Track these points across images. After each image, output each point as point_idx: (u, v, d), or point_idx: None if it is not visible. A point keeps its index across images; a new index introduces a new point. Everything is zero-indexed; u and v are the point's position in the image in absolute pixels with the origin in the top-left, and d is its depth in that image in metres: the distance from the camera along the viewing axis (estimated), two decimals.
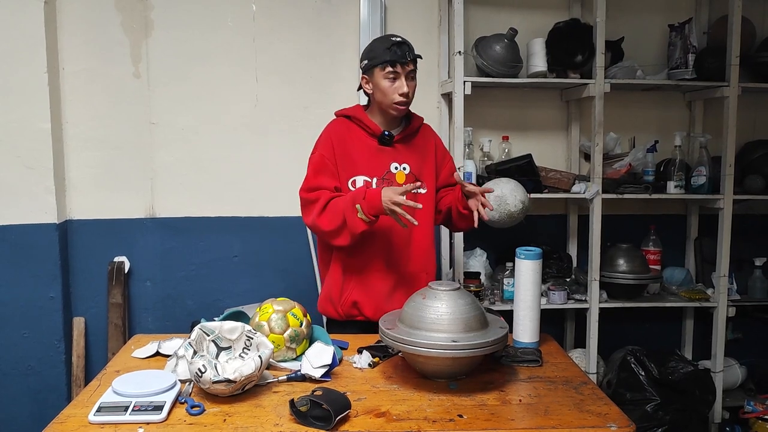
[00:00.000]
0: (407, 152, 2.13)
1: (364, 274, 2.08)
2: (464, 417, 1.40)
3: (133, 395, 1.42)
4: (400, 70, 2.01)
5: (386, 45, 2.02)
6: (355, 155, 2.09)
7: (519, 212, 2.63)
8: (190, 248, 2.99)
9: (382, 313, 2.02)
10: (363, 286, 2.08)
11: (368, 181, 2.08)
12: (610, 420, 1.40)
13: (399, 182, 2.09)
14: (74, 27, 2.86)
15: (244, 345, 1.56)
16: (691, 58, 2.87)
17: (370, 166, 2.09)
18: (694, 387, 2.79)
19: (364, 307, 2.08)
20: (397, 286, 2.09)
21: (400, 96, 2.02)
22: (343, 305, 2.09)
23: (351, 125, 2.13)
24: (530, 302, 1.82)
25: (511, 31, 2.80)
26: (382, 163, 2.10)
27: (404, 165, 2.11)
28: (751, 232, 3.13)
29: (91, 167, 2.92)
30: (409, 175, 2.10)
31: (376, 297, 2.08)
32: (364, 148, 2.10)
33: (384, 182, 2.08)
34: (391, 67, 2.01)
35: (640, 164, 2.96)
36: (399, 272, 2.10)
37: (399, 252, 2.10)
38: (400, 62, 2.00)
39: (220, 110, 2.96)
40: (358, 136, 2.11)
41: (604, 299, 2.90)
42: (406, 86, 2.02)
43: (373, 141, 2.11)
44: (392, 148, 2.11)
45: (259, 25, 2.95)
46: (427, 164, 2.16)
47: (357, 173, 2.08)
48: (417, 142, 2.17)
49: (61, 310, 2.84)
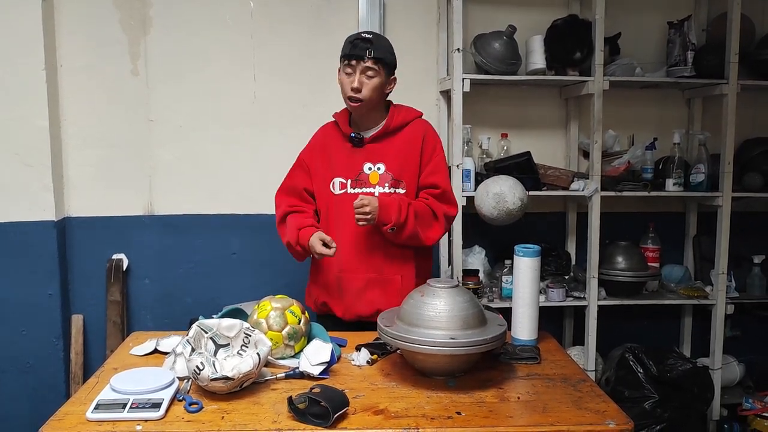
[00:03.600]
0: (383, 151, 2.10)
1: (333, 275, 2.11)
2: (462, 414, 1.40)
3: (131, 392, 1.42)
4: (355, 65, 2.01)
5: (350, 39, 2.04)
6: (334, 157, 2.13)
7: (518, 210, 2.64)
8: (188, 246, 2.99)
9: (352, 314, 2.07)
10: (333, 287, 2.12)
11: (343, 182, 2.11)
12: (608, 417, 1.39)
13: (372, 182, 2.09)
14: (72, 24, 2.85)
15: (242, 342, 1.55)
16: (690, 56, 2.87)
17: (345, 168, 2.11)
18: (692, 384, 2.79)
19: (334, 307, 2.14)
20: (368, 288, 2.08)
21: (351, 91, 2.02)
22: (315, 303, 2.19)
23: (335, 128, 2.18)
24: (529, 300, 1.82)
25: (510, 29, 2.79)
26: (356, 164, 2.11)
27: (378, 165, 2.10)
28: (749, 230, 3.13)
29: (89, 165, 2.92)
30: (383, 175, 2.09)
31: (344, 298, 2.10)
32: (341, 149, 2.13)
33: (357, 183, 2.09)
34: (347, 60, 2.02)
35: (639, 162, 2.96)
36: (370, 275, 2.08)
37: (370, 255, 2.09)
38: (355, 57, 2.00)
39: (218, 108, 2.96)
40: (338, 138, 2.15)
41: (603, 297, 2.90)
42: (357, 82, 2.00)
43: (348, 143, 2.13)
44: (366, 149, 2.11)
45: (257, 23, 2.95)
46: (409, 162, 2.10)
47: (334, 175, 2.12)
48: (398, 139, 2.12)
49: (59, 308, 2.83)
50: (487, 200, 2.62)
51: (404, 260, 2.11)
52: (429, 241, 2.09)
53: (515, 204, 2.63)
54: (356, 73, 2.01)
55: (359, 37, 2.02)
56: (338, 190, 2.11)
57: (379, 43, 2.03)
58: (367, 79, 2.02)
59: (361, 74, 2.01)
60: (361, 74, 2.01)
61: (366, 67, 2.01)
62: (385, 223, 1.97)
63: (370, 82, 2.02)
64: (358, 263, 2.08)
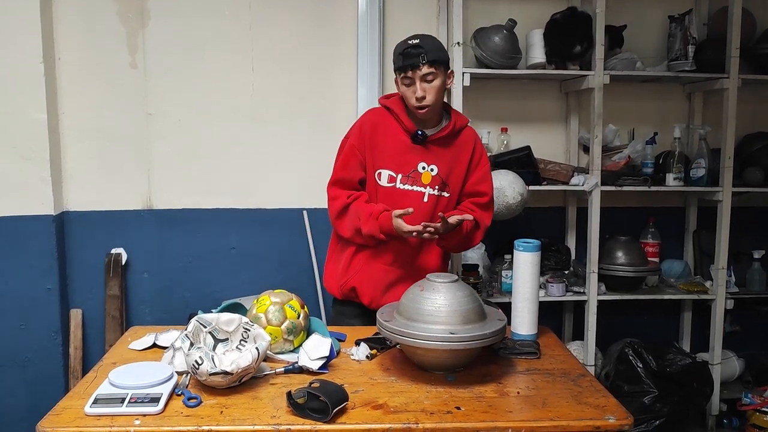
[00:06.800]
0: (439, 154, 2.09)
1: (369, 264, 2.10)
2: (462, 409, 1.40)
3: (129, 387, 1.41)
4: (412, 75, 1.97)
5: (400, 49, 1.99)
6: (386, 148, 2.08)
7: (517, 204, 2.64)
8: (187, 240, 2.98)
9: (377, 304, 2.05)
10: (365, 275, 2.11)
11: (393, 176, 2.07)
12: (608, 412, 1.39)
13: (424, 182, 2.07)
14: (70, 16, 2.83)
15: (241, 337, 1.55)
16: (690, 50, 2.85)
17: (398, 162, 2.08)
18: (691, 379, 2.80)
19: (362, 295, 2.12)
20: (399, 281, 2.10)
21: (416, 101, 2.00)
22: (343, 288, 2.14)
23: (387, 116, 2.11)
24: (528, 294, 1.82)
25: (510, 22, 2.78)
26: (411, 161, 2.08)
27: (432, 166, 2.08)
28: (749, 225, 3.13)
29: (87, 158, 2.91)
30: (435, 177, 2.08)
31: (375, 288, 2.11)
32: (395, 142, 2.08)
33: (408, 180, 2.07)
34: (403, 73, 1.99)
35: (639, 156, 2.96)
36: (404, 269, 2.10)
37: (411, 251, 2.11)
38: (410, 67, 1.96)
39: (216, 100, 2.94)
40: (393, 129, 2.09)
41: (603, 291, 2.90)
42: (420, 90, 1.97)
43: (406, 137, 2.08)
44: (424, 147, 2.08)
45: (255, 14, 2.93)
46: (458, 169, 2.11)
47: (384, 166, 2.08)
48: (454, 144, 2.11)
49: (58, 302, 2.83)
50: None
51: (434, 256, 2.15)
52: (466, 249, 2.30)
53: (515, 198, 2.63)
54: (416, 81, 1.97)
55: (409, 46, 1.97)
56: (386, 182, 2.08)
57: (429, 45, 1.98)
58: (428, 84, 1.99)
59: (421, 81, 1.98)
60: (421, 81, 1.98)
61: (424, 74, 1.97)
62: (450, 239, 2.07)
63: (432, 86, 1.99)
64: (395, 258, 2.10)
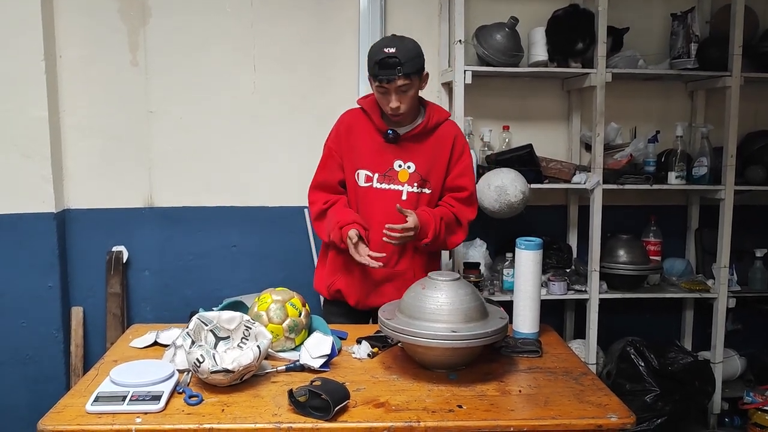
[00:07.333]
0: (416, 150, 2.08)
1: (352, 265, 2.09)
2: (464, 407, 1.40)
3: (131, 385, 1.41)
4: (387, 86, 1.95)
5: (375, 57, 1.95)
6: (362, 148, 2.09)
7: (519, 202, 2.64)
8: (188, 238, 2.98)
9: (364, 305, 2.09)
10: (350, 277, 2.12)
11: (369, 175, 2.08)
12: (609, 411, 1.39)
13: (401, 180, 2.07)
14: (71, 14, 2.83)
15: (242, 335, 1.55)
16: (693, 48, 2.85)
17: (374, 161, 2.08)
18: (693, 378, 2.79)
19: (348, 297, 2.13)
20: (384, 282, 2.10)
21: (391, 110, 1.99)
22: (329, 288, 2.17)
23: (363, 117, 2.11)
24: (530, 293, 1.81)
25: (512, 20, 2.77)
26: (386, 160, 2.08)
27: (409, 163, 2.07)
28: (751, 223, 3.12)
29: (88, 156, 2.91)
30: (413, 174, 2.07)
31: (360, 290, 2.12)
32: (371, 142, 2.09)
33: (385, 179, 2.07)
34: (377, 82, 1.97)
35: (641, 155, 2.95)
36: (387, 269, 2.08)
37: (393, 253, 2.09)
38: (386, 80, 1.94)
39: (218, 98, 2.94)
40: (367, 130, 2.10)
41: (604, 290, 2.90)
42: (395, 101, 1.97)
43: (380, 136, 2.08)
44: (399, 146, 2.08)
45: (257, 11, 2.92)
46: (438, 164, 2.10)
47: (361, 166, 2.09)
48: (431, 139, 2.10)
49: (59, 300, 2.83)
50: (489, 193, 2.62)
51: (418, 256, 2.13)
52: (451, 246, 2.20)
53: (517, 197, 2.62)
54: (391, 93, 1.96)
55: (385, 55, 1.92)
56: (363, 182, 2.09)
57: (405, 55, 1.93)
58: (402, 94, 1.97)
59: (396, 93, 1.96)
60: (396, 93, 1.96)
61: (399, 85, 1.95)
62: (421, 239, 2.01)
63: (407, 96, 1.98)
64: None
